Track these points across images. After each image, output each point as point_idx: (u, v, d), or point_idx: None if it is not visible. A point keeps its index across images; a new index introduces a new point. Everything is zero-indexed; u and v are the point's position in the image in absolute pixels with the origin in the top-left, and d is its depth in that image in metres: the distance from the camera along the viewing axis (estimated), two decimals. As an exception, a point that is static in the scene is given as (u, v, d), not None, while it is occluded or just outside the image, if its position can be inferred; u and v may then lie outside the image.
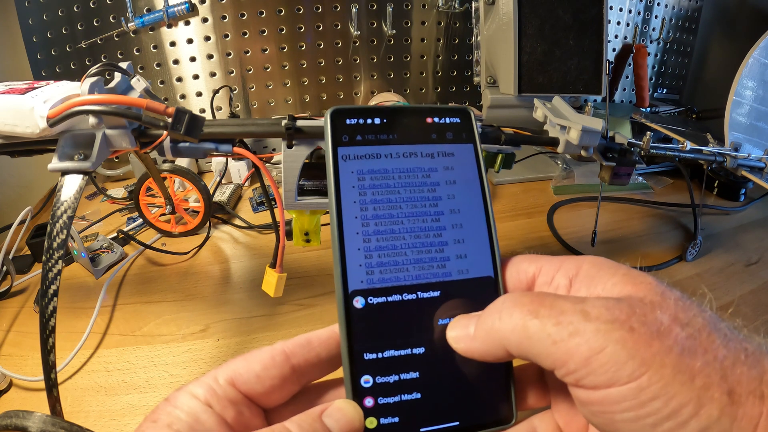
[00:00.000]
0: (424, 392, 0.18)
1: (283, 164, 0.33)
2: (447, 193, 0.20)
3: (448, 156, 0.21)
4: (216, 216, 0.62)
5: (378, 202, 0.19)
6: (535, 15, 0.57)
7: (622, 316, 0.15)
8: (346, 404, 0.17)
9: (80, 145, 0.31)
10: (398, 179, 0.20)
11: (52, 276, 0.28)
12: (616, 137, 0.42)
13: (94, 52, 0.67)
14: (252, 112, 0.77)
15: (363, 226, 0.19)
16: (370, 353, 0.18)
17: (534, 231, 0.59)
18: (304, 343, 0.19)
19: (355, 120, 0.20)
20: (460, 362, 0.18)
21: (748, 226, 0.62)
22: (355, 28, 0.74)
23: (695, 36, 0.97)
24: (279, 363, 0.18)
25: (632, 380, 0.14)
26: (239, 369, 0.18)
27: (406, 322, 0.19)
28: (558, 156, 0.77)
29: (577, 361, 0.15)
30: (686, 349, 0.14)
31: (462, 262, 0.20)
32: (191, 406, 0.16)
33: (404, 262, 0.19)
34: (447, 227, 0.20)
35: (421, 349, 0.18)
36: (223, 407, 0.17)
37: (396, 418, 0.18)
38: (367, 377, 0.18)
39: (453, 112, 0.22)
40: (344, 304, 0.18)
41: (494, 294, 0.20)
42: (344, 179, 0.19)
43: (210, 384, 0.17)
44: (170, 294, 0.48)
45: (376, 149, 0.20)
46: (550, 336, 0.15)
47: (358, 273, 0.18)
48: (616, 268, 0.17)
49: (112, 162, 0.74)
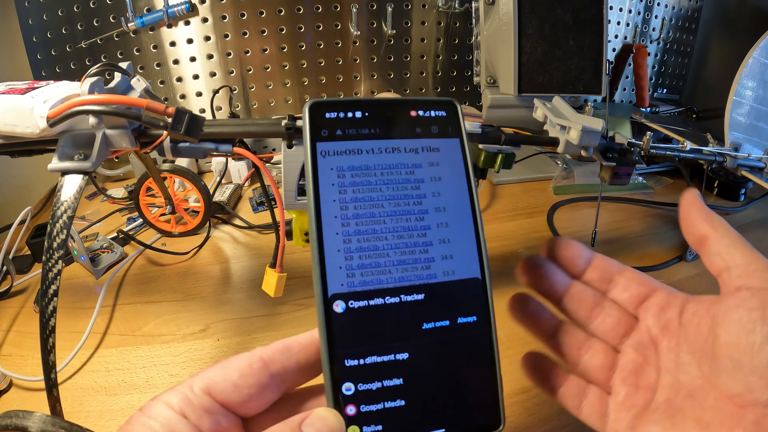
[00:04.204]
0: (408, 399, 0.17)
1: (283, 164, 0.33)
2: (432, 190, 0.19)
3: (434, 151, 0.20)
4: (216, 216, 0.62)
5: (359, 200, 0.19)
6: (535, 15, 0.57)
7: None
8: (327, 412, 0.17)
9: (80, 145, 0.31)
10: (380, 176, 0.19)
11: (52, 276, 0.28)
12: (616, 137, 0.42)
13: (94, 52, 0.67)
14: (252, 112, 0.77)
15: (343, 226, 0.18)
16: (351, 359, 0.17)
17: (534, 231, 0.59)
18: (283, 349, 0.18)
19: (335, 114, 0.19)
20: (446, 368, 0.18)
21: (748, 226, 0.62)
22: (355, 28, 0.74)
23: (695, 36, 0.97)
24: (257, 370, 0.17)
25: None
26: (216, 377, 0.17)
27: (389, 327, 0.18)
28: (558, 156, 0.77)
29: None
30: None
31: (448, 263, 0.19)
32: (166, 416, 0.16)
33: (387, 264, 0.18)
34: (432, 226, 0.19)
35: (405, 355, 0.18)
36: (199, 417, 0.16)
37: (379, 426, 0.17)
38: (348, 384, 0.17)
39: (438, 105, 0.21)
40: (324, 308, 0.17)
41: (482, 296, 0.19)
42: (323, 176, 0.18)
43: (185, 393, 0.17)
44: (170, 294, 0.48)
45: (357, 144, 0.19)
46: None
47: (338, 275, 0.18)
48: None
49: (112, 162, 0.74)
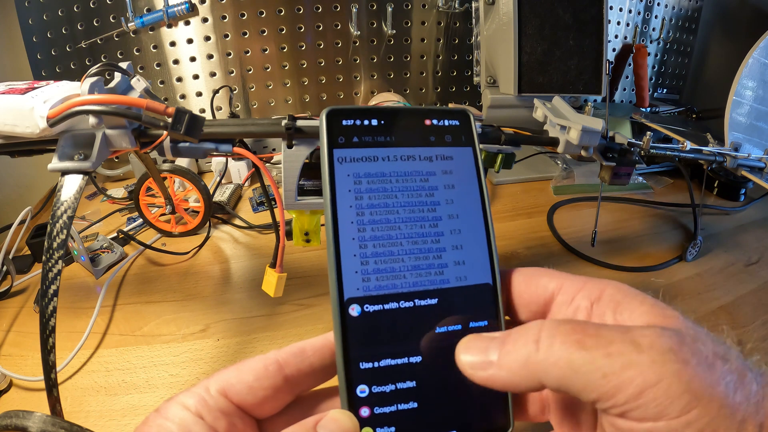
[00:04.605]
0: (421, 401, 0.18)
1: (283, 164, 0.33)
2: (445, 197, 0.20)
3: (447, 159, 0.20)
4: (216, 216, 0.62)
5: (375, 206, 0.19)
6: (535, 15, 0.57)
7: (674, 347, 0.14)
8: (341, 414, 0.17)
9: (80, 145, 0.31)
10: (395, 183, 0.19)
11: (52, 276, 0.28)
12: (616, 137, 0.42)
13: (94, 52, 0.67)
14: (252, 112, 0.77)
15: (359, 232, 0.18)
16: (366, 362, 0.18)
17: (534, 231, 0.59)
18: (297, 352, 0.18)
19: (351, 121, 0.20)
20: (458, 372, 0.18)
21: (748, 226, 0.62)
22: (355, 28, 0.74)
23: (695, 36, 0.97)
24: (272, 373, 0.18)
25: (683, 414, 0.14)
26: (231, 379, 0.17)
27: (402, 331, 0.18)
28: (558, 156, 0.77)
29: (628, 395, 0.14)
30: (730, 384, 0.14)
31: (460, 268, 0.19)
32: (182, 417, 0.16)
33: (401, 269, 0.19)
34: (445, 233, 0.19)
35: (418, 358, 0.18)
36: (215, 418, 0.17)
37: (392, 428, 0.17)
38: (363, 387, 0.17)
39: (452, 115, 0.21)
40: (340, 312, 0.18)
41: (493, 302, 0.19)
42: (340, 182, 0.19)
43: (201, 394, 0.17)
44: (170, 294, 0.48)
45: (373, 152, 0.19)
46: (600, 369, 0.14)
47: (354, 280, 0.18)
48: (643, 297, 0.17)
49: (112, 162, 0.74)
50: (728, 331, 0.17)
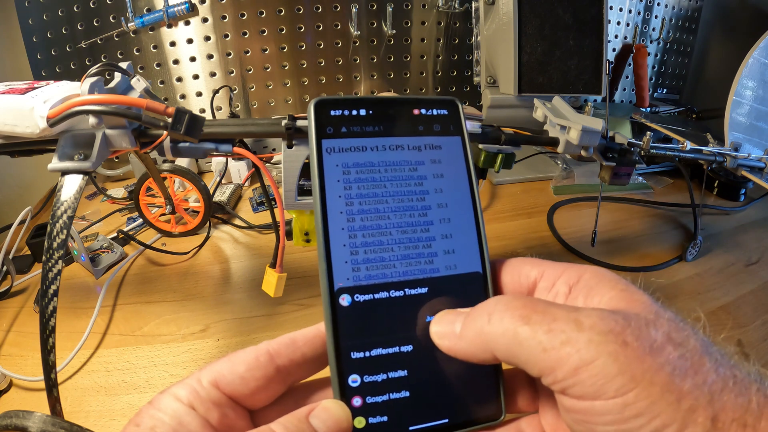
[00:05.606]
0: (412, 390, 0.18)
1: (283, 164, 0.33)
2: (434, 186, 0.20)
3: (436, 149, 0.20)
4: (216, 216, 0.62)
5: (364, 196, 0.19)
6: (535, 15, 0.57)
7: (617, 329, 0.14)
8: (333, 404, 0.17)
9: (80, 145, 0.31)
10: (384, 173, 0.19)
11: (52, 276, 0.28)
12: (616, 137, 0.42)
13: (94, 52, 0.67)
14: (252, 112, 0.77)
15: (348, 222, 0.18)
16: (357, 352, 0.18)
17: (534, 231, 0.59)
18: (288, 343, 0.18)
19: (339, 111, 0.19)
20: (449, 360, 0.18)
21: (748, 226, 0.62)
22: (355, 28, 0.74)
23: (695, 36, 0.97)
24: (263, 363, 0.18)
25: (619, 395, 0.14)
26: (223, 370, 0.17)
27: (393, 320, 0.18)
28: (558, 156, 0.77)
29: (566, 371, 0.14)
30: (677, 369, 0.14)
31: (450, 257, 0.19)
32: (174, 408, 0.16)
33: (391, 258, 0.19)
34: (434, 222, 0.19)
35: (409, 347, 0.18)
36: (207, 409, 0.17)
37: (385, 417, 0.17)
38: (354, 376, 0.17)
39: (440, 104, 0.21)
40: (330, 302, 0.18)
41: (483, 290, 0.19)
42: (329, 173, 0.19)
43: (193, 386, 0.17)
44: (170, 294, 0.48)
45: (362, 141, 0.19)
46: (540, 343, 0.15)
47: (344, 270, 0.18)
48: (615, 282, 0.17)
49: (112, 162, 0.74)
50: (705, 321, 0.17)
